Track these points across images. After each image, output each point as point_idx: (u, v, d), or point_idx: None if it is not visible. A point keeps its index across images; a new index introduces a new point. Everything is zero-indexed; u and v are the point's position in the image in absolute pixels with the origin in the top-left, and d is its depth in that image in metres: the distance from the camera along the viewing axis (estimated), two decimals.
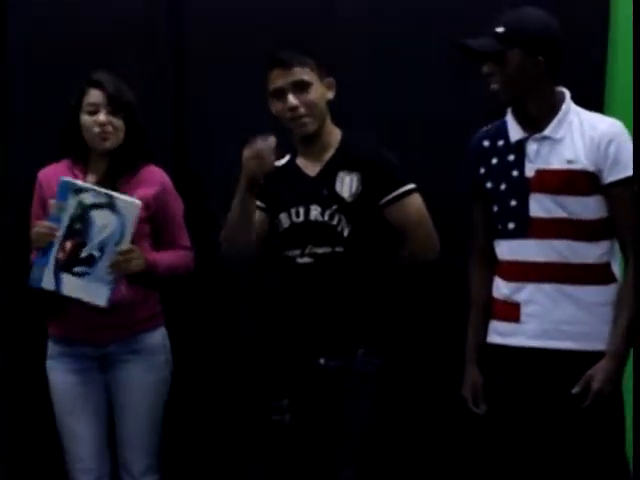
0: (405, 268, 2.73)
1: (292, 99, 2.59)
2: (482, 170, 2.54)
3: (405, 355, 2.87)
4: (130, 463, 2.88)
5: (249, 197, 2.60)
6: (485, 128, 2.61)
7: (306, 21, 3.19)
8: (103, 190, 2.69)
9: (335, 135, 2.71)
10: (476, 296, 2.60)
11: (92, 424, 2.89)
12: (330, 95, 2.69)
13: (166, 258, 2.85)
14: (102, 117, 2.78)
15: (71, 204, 2.66)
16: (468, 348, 2.61)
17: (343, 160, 2.66)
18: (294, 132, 2.65)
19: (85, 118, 2.80)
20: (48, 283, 2.72)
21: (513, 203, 2.43)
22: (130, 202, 2.68)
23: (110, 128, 2.79)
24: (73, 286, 2.72)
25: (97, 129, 2.78)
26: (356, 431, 2.61)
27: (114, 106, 2.79)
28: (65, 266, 2.71)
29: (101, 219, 2.68)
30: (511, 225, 2.44)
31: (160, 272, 2.82)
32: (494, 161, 2.51)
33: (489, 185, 2.52)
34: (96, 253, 2.70)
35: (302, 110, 2.60)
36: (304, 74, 2.61)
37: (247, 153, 2.53)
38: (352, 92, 2.86)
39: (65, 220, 2.68)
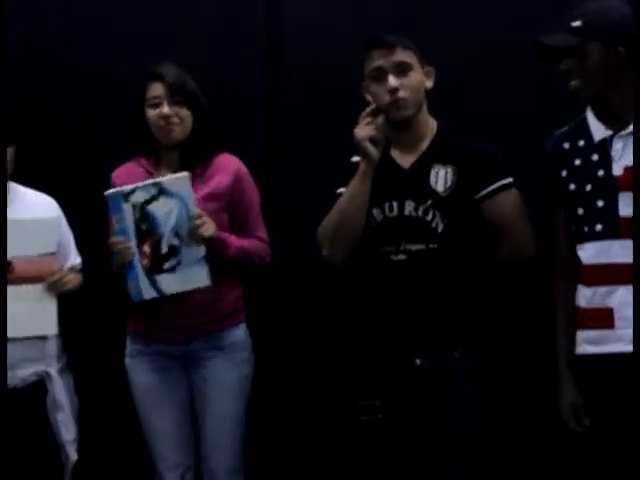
0: (501, 266, 2.70)
1: (393, 80, 2.55)
2: (564, 173, 2.50)
3: (499, 355, 2.84)
4: (214, 463, 2.89)
5: (366, 177, 2.59)
6: (561, 129, 2.58)
7: (400, 25, 3.13)
8: (147, 182, 2.73)
9: (431, 125, 2.68)
10: (564, 306, 2.55)
11: (176, 422, 2.92)
12: (429, 84, 2.66)
13: (239, 240, 2.85)
14: (165, 109, 2.81)
15: (127, 211, 2.70)
16: (561, 364, 2.56)
17: (438, 151, 2.64)
18: (390, 117, 2.59)
19: (149, 112, 2.83)
20: (148, 293, 2.77)
21: (600, 204, 2.39)
22: (177, 177, 2.73)
23: (175, 119, 2.81)
24: (172, 283, 2.76)
25: (162, 122, 2.81)
26: (464, 431, 2.60)
27: (177, 97, 2.81)
28: (154, 269, 2.75)
29: (161, 208, 2.72)
30: (599, 227, 2.39)
31: (232, 253, 2.81)
32: (577, 162, 2.47)
33: (572, 187, 2.48)
34: (175, 242, 2.74)
35: (402, 93, 2.56)
36: (406, 56, 2.58)
37: (361, 132, 2.54)
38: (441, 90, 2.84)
39: (131, 228, 2.72)
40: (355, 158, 2.66)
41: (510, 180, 2.61)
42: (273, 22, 3.35)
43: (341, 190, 2.70)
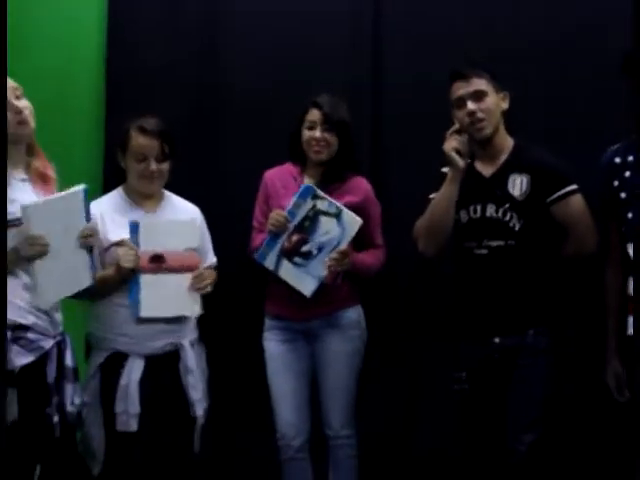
0: (569, 258, 2.97)
1: (471, 105, 2.89)
2: (616, 183, 2.76)
3: (569, 337, 3.09)
4: (331, 420, 3.24)
5: (453, 182, 2.90)
6: (613, 147, 2.81)
7: (487, 38, 3.51)
8: (335, 202, 3.08)
9: (508, 141, 2.99)
10: (614, 294, 2.82)
11: (296, 385, 3.25)
12: (504, 106, 2.97)
13: (366, 260, 3.22)
14: (317, 133, 3.17)
15: (307, 206, 3.08)
16: (609, 341, 2.85)
17: (515, 163, 2.94)
18: (473, 136, 2.92)
19: (305, 132, 3.21)
20: (270, 263, 3.14)
21: None
22: (355, 219, 3.07)
23: (323, 143, 3.17)
24: (288, 272, 3.13)
25: (313, 143, 3.19)
26: (535, 399, 2.87)
27: (329, 124, 3.16)
28: (287, 254, 3.12)
29: (326, 225, 3.09)
30: None
31: (360, 272, 3.21)
32: (627, 174, 2.73)
33: (623, 195, 2.73)
34: (314, 251, 3.11)
35: (479, 115, 2.89)
36: (481, 85, 2.91)
37: (448, 145, 2.89)
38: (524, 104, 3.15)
39: (298, 217, 3.10)
40: (444, 169, 2.99)
41: (575, 187, 2.90)
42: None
43: (433, 195, 3.02)
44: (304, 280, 3.13)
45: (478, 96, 2.91)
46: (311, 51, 3.66)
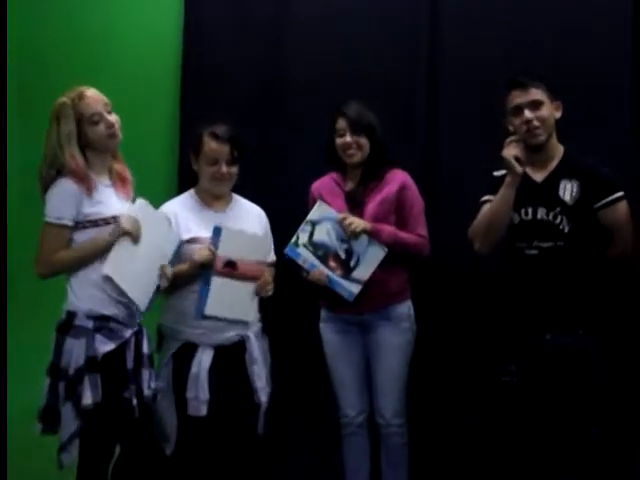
0: (614, 260, 3.09)
1: (528, 113, 3.03)
2: None
3: (615, 336, 3.18)
4: (383, 409, 3.38)
5: (511, 187, 3.01)
6: None
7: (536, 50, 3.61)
8: (301, 227, 3.31)
9: (559, 149, 3.12)
10: None
11: (354, 371, 3.42)
12: (557, 115, 3.10)
13: (394, 231, 3.32)
14: (348, 138, 3.36)
15: (305, 251, 3.31)
16: None
17: (566, 170, 3.06)
18: (527, 142, 3.05)
19: (337, 140, 3.40)
20: (355, 288, 3.30)
21: None
22: (314, 210, 3.31)
23: (355, 146, 3.36)
24: (363, 271, 3.30)
25: (346, 148, 3.37)
26: (600, 394, 2.99)
27: (356, 129, 3.35)
28: (346, 272, 3.31)
29: (321, 234, 3.30)
30: None
31: (384, 238, 3.29)
32: None
33: None
34: (345, 246, 3.30)
35: (535, 123, 3.02)
36: (538, 95, 3.05)
37: (508, 152, 3.02)
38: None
39: (314, 260, 3.31)
40: (497, 172, 3.13)
41: (622, 194, 3.02)
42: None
43: (485, 198, 3.16)
44: (371, 255, 3.31)
45: (535, 105, 3.04)
46: (370, 51, 3.82)
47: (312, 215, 3.32)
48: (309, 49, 3.88)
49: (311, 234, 3.30)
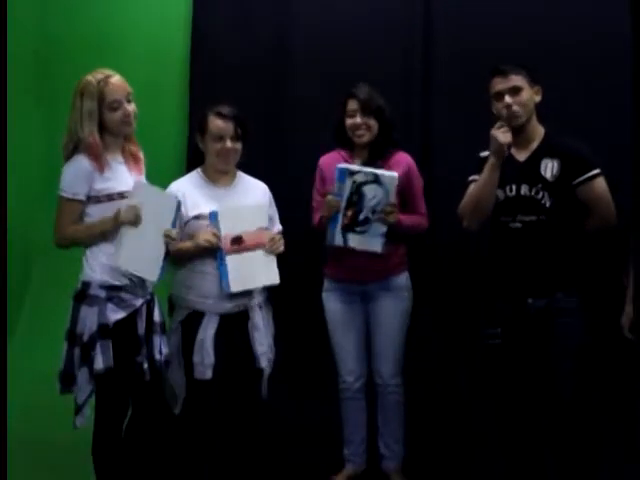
0: (591, 232, 3.23)
1: (508, 99, 3.17)
2: None
3: (595, 298, 3.33)
4: (382, 370, 3.57)
5: (496, 168, 3.14)
6: None
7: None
8: (369, 170, 3.38)
9: (539, 130, 3.26)
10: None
11: (354, 338, 3.59)
12: (537, 99, 3.24)
13: (408, 219, 3.52)
14: (358, 119, 3.50)
15: (348, 183, 3.37)
16: (628, 292, 3.11)
17: (546, 149, 3.20)
18: (508, 124, 3.17)
19: (347, 120, 3.54)
20: (339, 241, 3.44)
21: None
22: (390, 176, 3.37)
23: (365, 127, 3.50)
24: (357, 241, 3.43)
25: (355, 129, 3.51)
26: (571, 350, 3.13)
27: (366, 110, 3.49)
28: (349, 228, 3.42)
29: (370, 192, 3.37)
30: None
31: (403, 227, 3.49)
32: None
33: None
34: (370, 216, 3.40)
35: (515, 107, 3.17)
36: (518, 81, 3.18)
37: (503, 138, 3.12)
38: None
39: (345, 195, 3.38)
40: (482, 153, 3.27)
41: (598, 171, 3.15)
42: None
43: (472, 178, 3.29)
44: (371, 242, 3.42)
45: (515, 91, 3.18)
46: (369, 49, 4.06)
47: (382, 175, 3.36)
48: (310, 47, 4.15)
49: (364, 182, 3.36)
